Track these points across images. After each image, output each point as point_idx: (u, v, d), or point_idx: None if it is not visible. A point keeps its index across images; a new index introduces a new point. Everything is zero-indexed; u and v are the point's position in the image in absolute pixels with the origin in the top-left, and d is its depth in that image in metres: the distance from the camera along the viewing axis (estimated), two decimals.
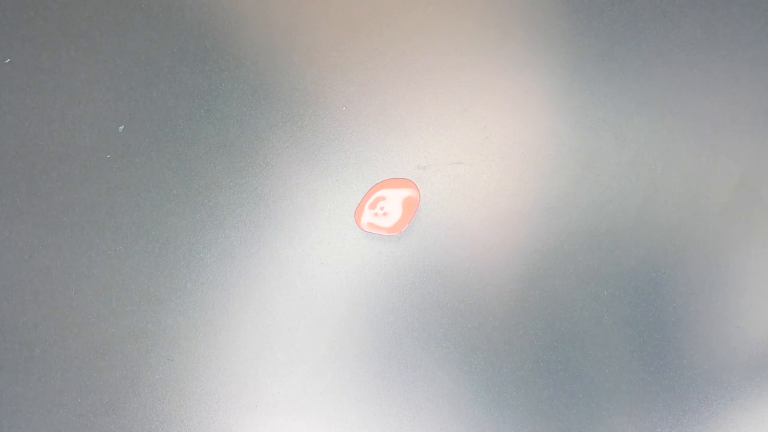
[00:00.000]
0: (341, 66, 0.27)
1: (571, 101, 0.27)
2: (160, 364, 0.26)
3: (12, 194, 0.26)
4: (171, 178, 0.27)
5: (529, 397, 0.26)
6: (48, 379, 0.26)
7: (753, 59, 0.28)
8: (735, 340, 0.27)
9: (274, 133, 0.27)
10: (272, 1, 0.27)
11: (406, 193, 0.26)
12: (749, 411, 0.27)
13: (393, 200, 0.26)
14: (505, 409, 0.26)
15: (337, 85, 0.27)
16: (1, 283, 0.26)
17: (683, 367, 0.27)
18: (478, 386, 0.26)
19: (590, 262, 0.27)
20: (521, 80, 0.27)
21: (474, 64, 0.27)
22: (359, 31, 0.27)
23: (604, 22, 0.28)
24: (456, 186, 0.27)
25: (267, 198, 0.27)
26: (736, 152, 0.27)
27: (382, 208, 0.26)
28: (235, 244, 0.26)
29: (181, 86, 0.27)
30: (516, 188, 0.27)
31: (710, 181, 0.27)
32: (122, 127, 0.27)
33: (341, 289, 0.26)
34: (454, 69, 0.27)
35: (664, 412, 0.26)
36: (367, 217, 0.26)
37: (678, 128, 0.27)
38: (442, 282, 0.27)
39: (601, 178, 0.27)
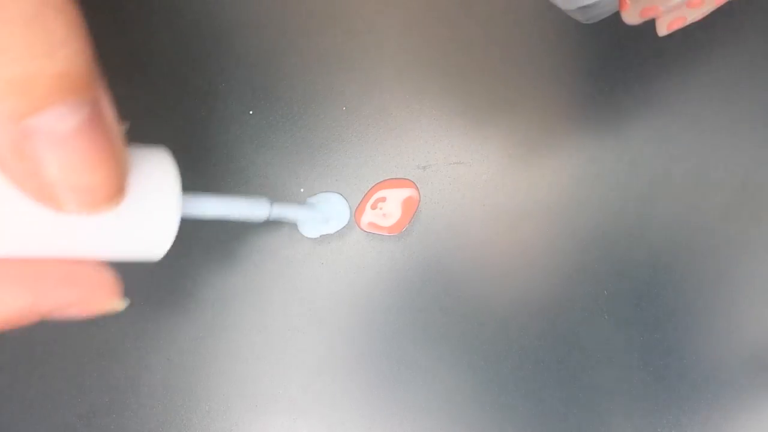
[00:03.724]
0: (341, 66, 0.27)
1: (571, 101, 0.27)
2: (160, 364, 0.26)
3: None
4: None
5: (529, 397, 0.26)
6: (48, 379, 0.26)
7: (753, 59, 0.28)
8: (735, 340, 0.27)
9: (274, 133, 0.27)
10: (272, 1, 0.27)
11: (406, 193, 0.26)
12: (749, 411, 0.27)
13: (393, 200, 0.26)
14: (505, 409, 0.26)
15: (337, 85, 0.27)
16: None
17: (683, 367, 0.27)
18: (478, 386, 0.26)
19: (590, 262, 0.27)
20: (521, 80, 0.27)
21: (474, 64, 0.27)
22: (359, 31, 0.27)
23: (604, 22, 0.28)
24: (456, 186, 0.27)
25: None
26: (736, 152, 0.27)
27: (381, 209, 0.26)
28: (235, 244, 0.26)
29: (181, 86, 0.27)
30: (516, 188, 0.27)
31: (710, 181, 0.27)
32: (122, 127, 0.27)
33: (341, 289, 0.26)
34: (454, 69, 0.27)
35: (664, 412, 0.26)
36: (367, 217, 0.26)
37: (678, 128, 0.27)
38: (442, 282, 0.27)
39: (601, 178, 0.27)
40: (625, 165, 0.27)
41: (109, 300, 0.18)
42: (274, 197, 0.27)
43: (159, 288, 0.26)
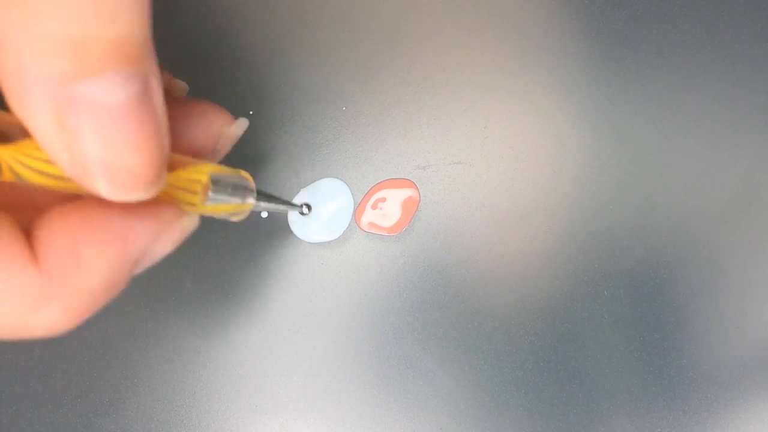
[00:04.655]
0: (341, 66, 0.27)
1: (571, 101, 0.27)
2: (160, 364, 0.26)
3: None
4: None
5: (529, 397, 0.26)
6: (48, 379, 0.26)
7: (753, 59, 0.28)
8: (735, 340, 0.27)
9: (274, 133, 0.27)
10: (272, 1, 0.27)
11: (406, 193, 0.26)
12: (749, 411, 0.27)
13: (393, 200, 0.26)
14: (505, 409, 0.26)
15: (337, 85, 0.27)
16: None
17: (683, 367, 0.27)
18: (478, 386, 0.26)
19: (590, 262, 0.27)
20: (521, 80, 0.27)
21: (474, 64, 0.27)
22: (359, 31, 0.27)
23: (604, 22, 0.28)
24: (456, 186, 0.27)
25: None
26: (736, 152, 0.27)
27: (381, 209, 0.26)
28: (235, 243, 0.26)
29: None
30: (516, 188, 0.27)
31: (710, 181, 0.27)
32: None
33: (341, 289, 0.26)
34: (454, 69, 0.27)
35: (664, 412, 0.26)
36: (367, 217, 0.26)
37: (678, 128, 0.27)
38: (442, 282, 0.27)
39: (601, 178, 0.27)
40: (625, 164, 0.27)
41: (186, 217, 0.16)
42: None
43: (159, 288, 0.26)
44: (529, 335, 0.27)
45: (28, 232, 0.13)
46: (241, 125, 0.19)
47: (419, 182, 0.27)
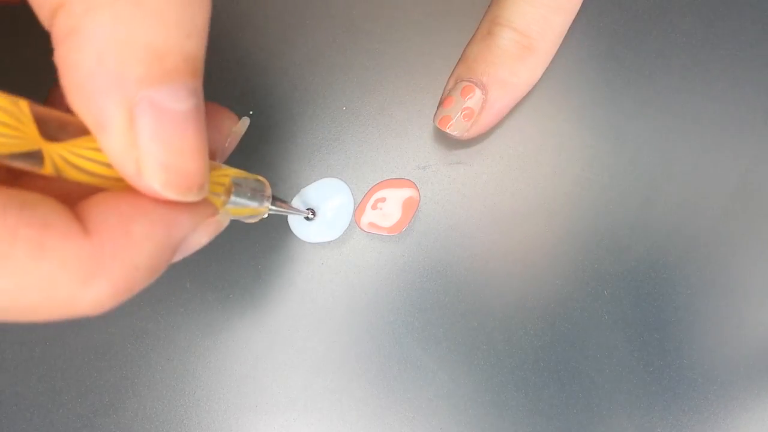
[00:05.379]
0: (341, 66, 0.27)
1: (571, 101, 0.27)
2: (160, 364, 0.26)
3: None
4: None
5: (529, 397, 0.26)
6: (48, 379, 0.26)
7: (753, 59, 0.28)
8: (735, 340, 0.27)
9: (274, 133, 0.27)
10: (272, 1, 0.27)
11: (406, 193, 0.26)
12: (749, 411, 0.27)
13: (393, 200, 0.26)
14: (505, 409, 0.26)
15: (337, 85, 0.27)
16: None
17: (683, 367, 0.27)
18: (478, 386, 0.26)
19: (590, 262, 0.27)
20: None
21: None
22: (359, 31, 0.27)
23: (604, 22, 0.28)
24: (456, 186, 0.27)
25: None
26: (736, 152, 0.27)
27: (381, 209, 0.26)
28: (235, 243, 0.26)
29: None
30: (516, 188, 0.27)
31: (710, 181, 0.27)
32: None
33: (341, 289, 0.26)
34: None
35: (664, 412, 0.26)
36: (367, 217, 0.26)
37: (678, 128, 0.27)
38: (442, 282, 0.27)
39: (601, 178, 0.27)
40: (625, 165, 0.27)
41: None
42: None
43: (159, 288, 0.26)
44: (529, 335, 0.27)
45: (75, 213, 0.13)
46: (244, 124, 0.20)
47: (419, 182, 0.27)
